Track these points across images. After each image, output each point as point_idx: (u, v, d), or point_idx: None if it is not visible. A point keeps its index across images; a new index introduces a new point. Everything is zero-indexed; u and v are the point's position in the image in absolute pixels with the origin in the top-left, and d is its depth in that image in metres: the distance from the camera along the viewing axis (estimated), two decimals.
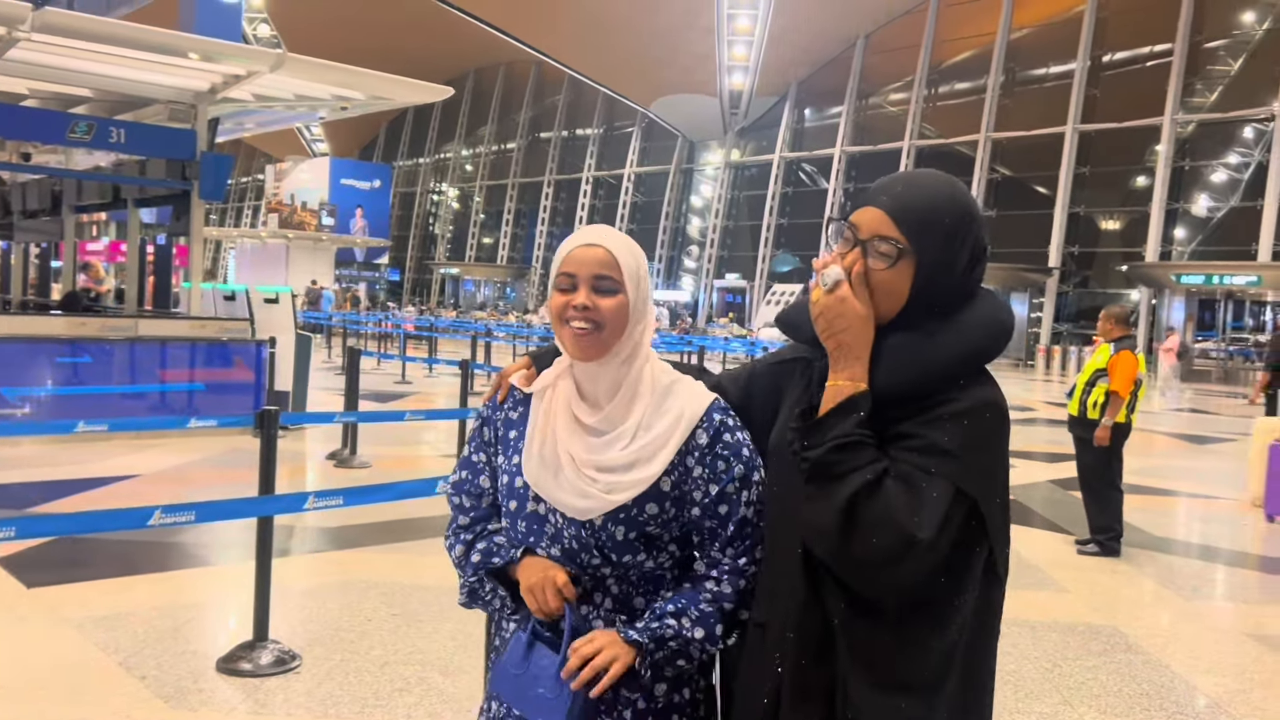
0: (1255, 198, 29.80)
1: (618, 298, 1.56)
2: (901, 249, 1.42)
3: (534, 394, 1.66)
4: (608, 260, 1.57)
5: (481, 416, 1.74)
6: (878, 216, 1.44)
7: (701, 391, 1.62)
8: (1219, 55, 32.32)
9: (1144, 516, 7.86)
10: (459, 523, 1.72)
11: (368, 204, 39.76)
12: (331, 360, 20.04)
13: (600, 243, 1.58)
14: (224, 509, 3.51)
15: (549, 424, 1.61)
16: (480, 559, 1.65)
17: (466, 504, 1.72)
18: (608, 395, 1.59)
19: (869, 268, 1.43)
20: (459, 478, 1.73)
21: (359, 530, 6.34)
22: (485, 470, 1.71)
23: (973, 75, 36.60)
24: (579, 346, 1.56)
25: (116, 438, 9.00)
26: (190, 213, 11.35)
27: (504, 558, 1.63)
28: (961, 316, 1.47)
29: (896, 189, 1.47)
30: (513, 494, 1.63)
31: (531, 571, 1.57)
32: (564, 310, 1.57)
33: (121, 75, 10.75)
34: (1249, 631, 5.26)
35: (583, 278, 1.56)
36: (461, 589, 1.70)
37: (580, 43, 39.73)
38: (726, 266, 43.36)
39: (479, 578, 1.65)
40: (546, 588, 1.54)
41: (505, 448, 1.67)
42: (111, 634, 4.41)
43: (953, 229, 1.45)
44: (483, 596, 1.67)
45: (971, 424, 1.40)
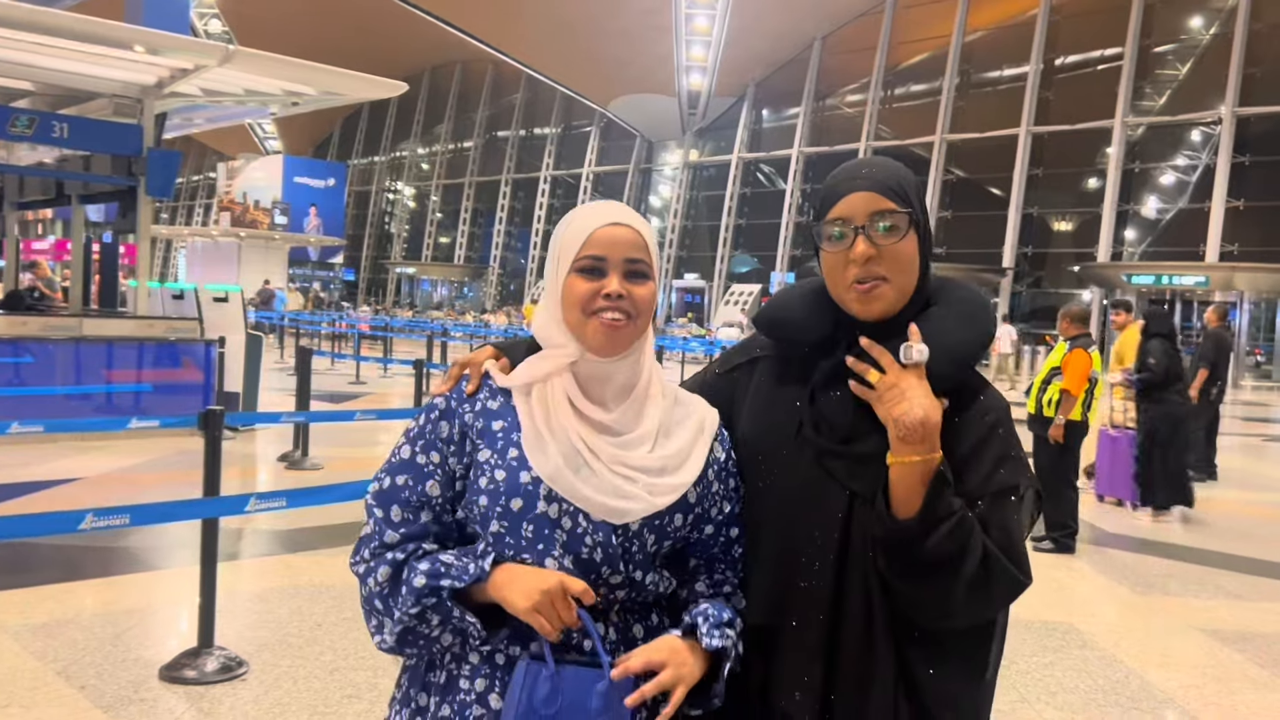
0: (1203, 200, 30.36)
1: (648, 284, 1.41)
2: (908, 215, 1.41)
3: (515, 389, 1.41)
4: (639, 242, 1.40)
5: (439, 409, 1.43)
6: (866, 199, 1.41)
7: (707, 404, 1.52)
8: (1167, 60, 32.91)
9: (1099, 513, 7.94)
10: (384, 539, 1.37)
11: (322, 202, 39.25)
12: (284, 361, 19.74)
13: (628, 222, 1.41)
14: (160, 511, 3.39)
15: (554, 418, 1.37)
16: (426, 581, 1.31)
17: (396, 517, 1.38)
18: (618, 396, 1.41)
19: (881, 244, 1.40)
20: (390, 484, 1.40)
21: (310, 533, 6.20)
22: (435, 474, 1.40)
23: (928, 77, 36.94)
24: (611, 340, 1.38)
25: (60, 439, 8.76)
26: (137, 210, 11.10)
27: (469, 574, 1.30)
28: (960, 296, 1.49)
29: (864, 171, 1.45)
30: (516, 491, 1.34)
31: (526, 583, 1.29)
32: (591, 299, 1.37)
33: (65, 68, 10.47)
34: (1202, 626, 5.31)
35: (614, 261, 1.38)
36: (386, 628, 1.35)
37: (538, 41, 39.56)
38: (685, 267, 43.39)
39: (422, 609, 1.31)
40: (556, 600, 1.28)
41: (488, 440, 1.39)
42: (49, 642, 4.27)
43: (921, 195, 1.47)
44: (425, 633, 1.33)
45: (1005, 424, 1.44)
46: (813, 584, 1.41)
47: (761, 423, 1.51)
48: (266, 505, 3.43)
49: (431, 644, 1.36)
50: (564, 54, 39.86)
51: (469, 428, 1.41)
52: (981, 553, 1.33)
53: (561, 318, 1.41)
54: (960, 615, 1.36)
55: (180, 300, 11.43)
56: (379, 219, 56.69)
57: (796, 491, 1.44)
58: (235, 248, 35.35)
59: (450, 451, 1.40)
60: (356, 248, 54.55)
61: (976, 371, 1.48)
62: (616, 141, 45.91)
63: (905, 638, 1.39)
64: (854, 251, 1.40)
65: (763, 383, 1.55)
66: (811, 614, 1.40)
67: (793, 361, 1.53)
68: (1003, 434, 1.43)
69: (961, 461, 1.39)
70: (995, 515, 1.37)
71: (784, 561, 1.43)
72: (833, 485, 1.42)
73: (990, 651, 1.43)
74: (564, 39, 38.33)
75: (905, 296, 1.43)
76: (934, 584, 1.34)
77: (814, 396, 1.47)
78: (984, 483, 1.38)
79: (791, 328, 1.53)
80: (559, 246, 1.43)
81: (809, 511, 1.43)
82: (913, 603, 1.36)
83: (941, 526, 1.32)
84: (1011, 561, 1.35)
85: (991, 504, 1.37)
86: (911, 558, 1.34)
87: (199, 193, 62.86)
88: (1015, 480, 1.40)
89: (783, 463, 1.46)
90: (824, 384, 1.47)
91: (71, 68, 10.45)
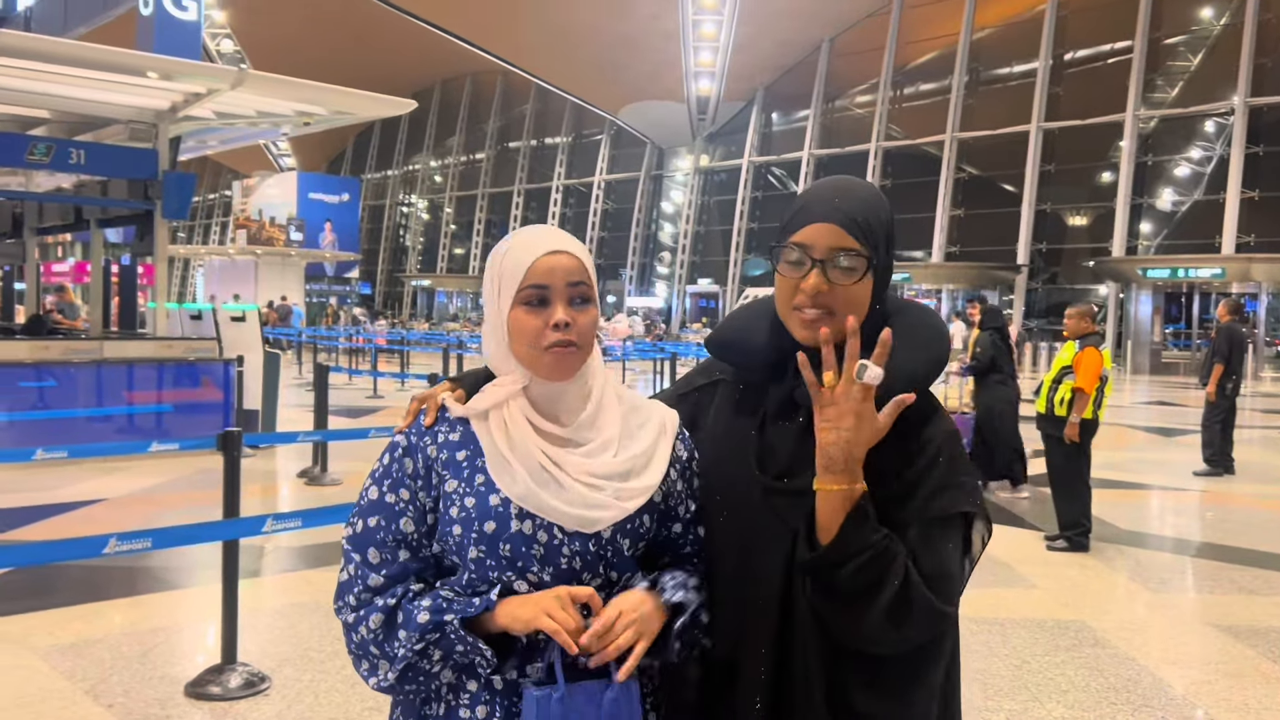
0: (1218, 191, 30.21)
1: (591, 310, 1.42)
2: (867, 259, 1.40)
3: (473, 417, 1.44)
4: (579, 267, 1.41)
5: (402, 447, 1.45)
6: (830, 231, 1.39)
7: (664, 407, 1.55)
8: (1179, 51, 32.78)
9: (1112, 510, 7.94)
10: (368, 583, 1.39)
11: (336, 217, 39.52)
12: (302, 376, 19.91)
13: (566, 248, 1.41)
14: (180, 535, 3.48)
15: (515, 439, 1.40)
16: (430, 617, 1.33)
17: (375, 559, 1.40)
18: (572, 409, 1.44)
19: (835, 283, 1.39)
20: (363, 527, 1.42)
21: (330, 549, 6.29)
22: (408, 512, 1.41)
23: (937, 76, 36.91)
24: (562, 369, 1.40)
25: (83, 461, 8.90)
26: (154, 232, 11.26)
27: (475, 606, 1.33)
28: (911, 322, 1.47)
29: (835, 200, 1.43)
30: (487, 515, 1.36)
31: (535, 599, 1.34)
32: (540, 334, 1.38)
33: (80, 96, 10.65)
34: (1215, 623, 5.32)
35: (557, 289, 1.39)
36: (382, 669, 1.37)
37: (547, 52, 39.75)
38: (699, 272, 43.46)
39: (425, 645, 1.33)
40: (567, 606, 1.32)
41: (454, 471, 1.41)
42: (78, 662, 4.37)
43: (889, 231, 1.45)
44: (426, 669, 1.36)
45: (948, 450, 1.42)
46: (759, 619, 1.42)
47: (716, 454, 1.52)
48: (283, 526, 3.52)
49: (430, 680, 1.38)
50: (573, 63, 40.03)
51: (433, 461, 1.43)
52: (900, 583, 1.33)
53: (509, 347, 1.43)
54: (878, 642, 1.36)
55: (198, 320, 11.59)
56: (393, 232, 57.01)
57: (746, 527, 1.46)
58: (252, 265, 35.64)
59: (419, 486, 1.42)
60: (372, 261, 54.90)
61: (928, 394, 1.47)
62: (627, 149, 46.04)
63: (840, 663, 1.39)
64: (805, 283, 1.40)
65: (719, 412, 1.56)
66: (758, 645, 1.42)
67: (749, 388, 1.53)
68: (944, 460, 1.41)
69: (903, 486, 1.39)
70: (929, 544, 1.37)
71: (736, 596, 1.45)
72: (776, 521, 1.43)
73: (926, 671, 1.42)
74: (572, 48, 38.50)
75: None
76: (849, 611, 1.35)
77: (764, 426, 1.48)
78: (921, 508, 1.38)
79: (742, 350, 1.54)
80: (499, 277, 1.43)
81: (757, 547, 1.44)
82: (835, 625, 1.38)
83: (857, 558, 1.32)
84: (937, 591, 1.35)
85: (925, 532, 1.38)
86: (826, 585, 1.35)
87: (215, 211, 63.38)
88: (955, 509, 1.40)
89: (737, 496, 1.47)
90: (775, 414, 1.47)
91: (87, 95, 10.62)
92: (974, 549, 1.45)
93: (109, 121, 11.60)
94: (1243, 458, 10.65)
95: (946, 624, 1.40)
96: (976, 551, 1.45)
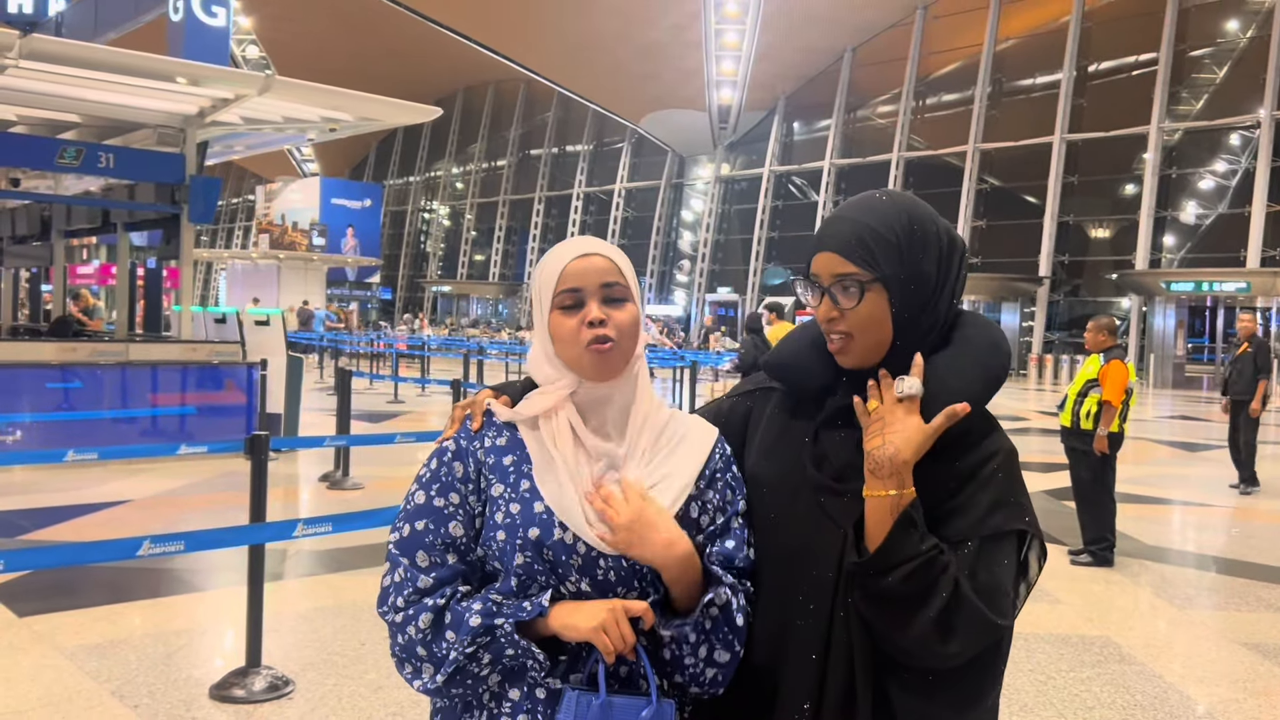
0: (1243, 204, 29.97)
1: (628, 307, 1.45)
2: (862, 281, 1.41)
3: (521, 423, 1.46)
4: (610, 268, 1.45)
5: (450, 450, 1.46)
6: (830, 260, 1.44)
7: (701, 420, 1.57)
8: (1204, 63, 32.56)
9: (1137, 525, 7.89)
10: (417, 585, 1.39)
11: (359, 223, 39.77)
12: (324, 381, 20.01)
13: (599, 251, 1.46)
14: (213, 538, 3.51)
15: (561, 447, 1.43)
16: (482, 621, 1.34)
17: (424, 562, 1.40)
18: (617, 421, 1.46)
19: (844, 309, 1.43)
20: (411, 531, 1.43)
21: (353, 553, 6.32)
22: (457, 515, 1.43)
23: (960, 87, 36.79)
24: (605, 364, 1.42)
25: (108, 463, 8.98)
26: (180, 236, 11.37)
27: (527, 610, 1.35)
28: (967, 335, 1.48)
29: (835, 228, 1.46)
30: (532, 521, 1.38)
31: (589, 607, 1.35)
32: (578, 332, 1.42)
33: (109, 100, 10.76)
34: (1243, 640, 5.27)
35: (590, 290, 1.43)
36: (428, 672, 1.37)
37: (569, 60, 39.89)
38: (718, 280, 43.43)
39: (476, 648, 1.34)
40: (620, 619, 1.33)
41: (501, 475, 1.44)
42: (103, 662, 4.40)
43: (904, 242, 1.43)
44: (475, 672, 1.36)
45: (1006, 469, 1.43)
46: (809, 623, 1.42)
47: (769, 458, 1.54)
48: (313, 530, 3.54)
49: (479, 684, 1.38)
50: (595, 72, 40.14)
51: (482, 465, 1.45)
52: (950, 595, 1.33)
53: (554, 353, 1.46)
54: (924, 653, 1.36)
55: (222, 324, 11.68)
56: (414, 238, 57.26)
57: (797, 529, 1.46)
58: (275, 269, 35.89)
59: (469, 491, 1.44)
60: (393, 267, 55.13)
61: (985, 413, 1.47)
62: (648, 157, 46.10)
63: (890, 674, 1.39)
64: (819, 313, 1.46)
65: (774, 417, 1.59)
66: (805, 652, 1.42)
67: (803, 399, 1.56)
68: (1002, 478, 1.42)
69: (958, 503, 1.40)
70: (984, 559, 1.38)
71: (784, 600, 1.45)
72: (829, 523, 1.43)
73: (983, 690, 1.42)
74: (595, 57, 38.61)
75: (880, 348, 1.45)
76: (895, 619, 1.35)
77: (818, 434, 1.50)
78: (976, 525, 1.39)
79: (798, 373, 1.56)
80: (538, 288, 1.47)
81: (807, 549, 1.45)
82: (878, 632, 1.38)
83: (903, 566, 1.33)
84: (988, 601, 1.35)
85: (980, 547, 1.38)
86: (871, 592, 1.36)
87: (238, 215, 63.81)
88: (1010, 526, 1.41)
89: (787, 499, 1.48)
90: (829, 422, 1.50)
91: (116, 100, 10.74)
92: (1030, 571, 1.45)
93: (137, 126, 11.71)
94: (1269, 473, 10.56)
95: (1000, 636, 1.39)
96: (1034, 575, 1.46)
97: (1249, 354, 10.05)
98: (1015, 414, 17.50)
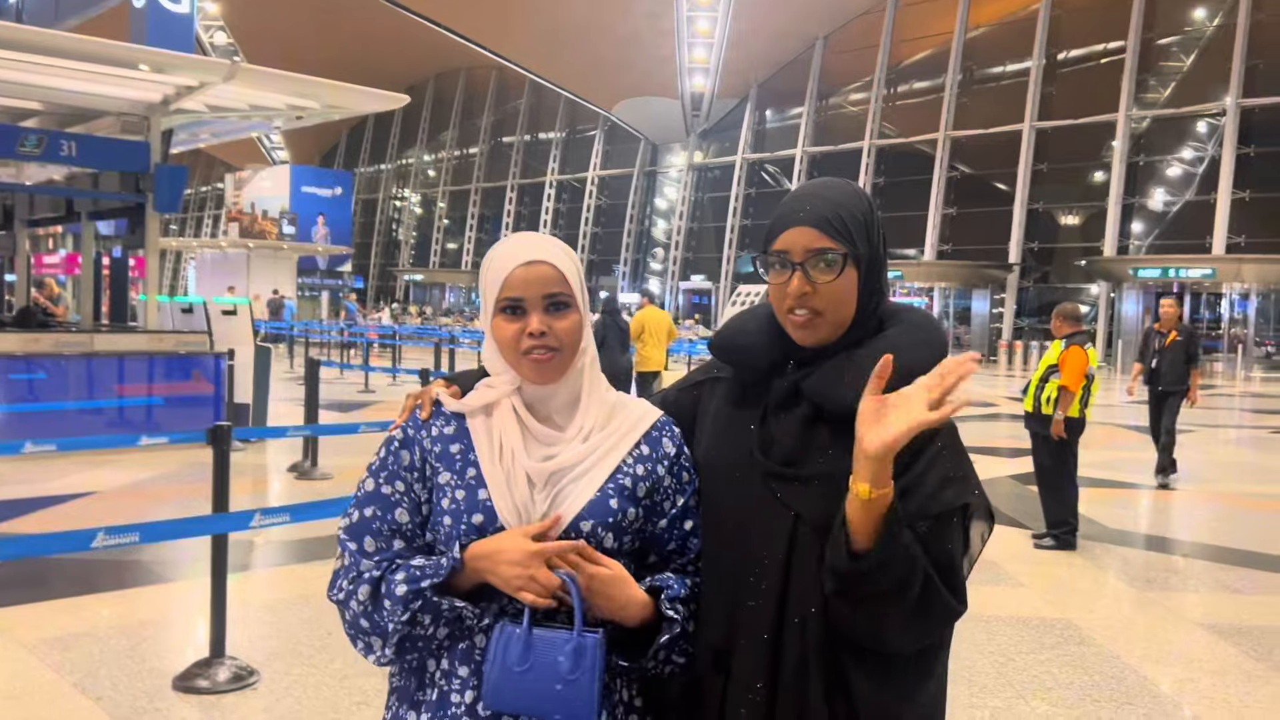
0: (1209, 191, 30.33)
1: (571, 315, 1.46)
2: (844, 255, 1.43)
3: (468, 413, 1.50)
4: (556, 277, 1.46)
5: (399, 440, 1.51)
6: (805, 234, 1.44)
7: (647, 404, 1.59)
8: (1171, 51, 32.88)
9: (1100, 509, 7.99)
10: (360, 568, 1.44)
11: (329, 211, 39.44)
12: (294, 370, 19.88)
13: (544, 258, 1.46)
14: (169, 529, 3.49)
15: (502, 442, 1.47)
16: (408, 589, 1.37)
17: (370, 548, 1.45)
18: (564, 411, 1.50)
19: (817, 283, 1.43)
20: (359, 517, 1.47)
21: (320, 543, 6.30)
22: (403, 503, 1.47)
23: (931, 74, 36.97)
24: (542, 374, 1.46)
25: (73, 455, 8.89)
26: (145, 225, 11.24)
27: (444, 567, 1.38)
28: (911, 320, 1.51)
29: (808, 205, 1.47)
30: (475, 508, 1.43)
31: (502, 556, 1.37)
32: (518, 340, 1.44)
33: (72, 88, 10.61)
34: (1200, 620, 5.37)
35: (532, 300, 1.44)
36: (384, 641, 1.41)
37: (541, 47, 39.71)
38: (692, 268, 43.49)
39: (411, 614, 1.37)
40: (538, 574, 1.35)
41: (448, 464, 1.47)
42: (66, 655, 4.37)
43: (868, 222, 1.47)
44: (422, 634, 1.40)
45: (950, 444, 1.43)
46: (759, 604, 1.43)
47: (717, 445, 1.55)
48: (271, 521, 3.53)
49: (430, 643, 1.42)
50: (567, 59, 40.00)
51: (428, 453, 1.49)
52: (923, 584, 1.34)
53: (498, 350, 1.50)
54: (897, 641, 1.38)
55: (190, 314, 11.57)
56: (386, 226, 56.92)
57: (746, 514, 1.47)
58: (244, 258, 35.52)
59: (414, 479, 1.48)
60: (364, 255, 54.79)
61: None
62: (621, 145, 46.03)
63: (844, 655, 1.40)
64: (790, 287, 1.44)
65: (721, 405, 1.59)
66: (756, 634, 1.43)
67: (749, 384, 1.55)
68: (948, 454, 1.42)
69: (908, 482, 1.38)
70: (936, 538, 1.37)
71: (735, 583, 1.46)
72: (779, 507, 1.44)
73: (932, 664, 1.44)
74: (566, 44, 38.47)
75: (843, 326, 1.47)
76: (877, 612, 1.35)
77: (765, 418, 1.50)
78: (927, 503, 1.38)
79: (745, 352, 1.57)
80: (484, 286, 1.50)
81: (757, 534, 1.45)
82: (853, 626, 1.38)
83: (896, 562, 1.32)
84: (948, 586, 1.36)
85: (934, 527, 1.38)
86: (863, 589, 1.34)
87: (207, 204, 63.16)
88: (959, 501, 1.40)
89: (736, 485, 1.49)
90: (776, 406, 1.49)
91: (79, 87, 10.58)
92: (973, 547, 1.45)
93: (101, 114, 11.56)
94: (1232, 457, 10.72)
95: (957, 619, 1.41)
96: (976, 551, 1.46)
97: (1179, 343, 9.58)
98: (985, 399, 17.66)
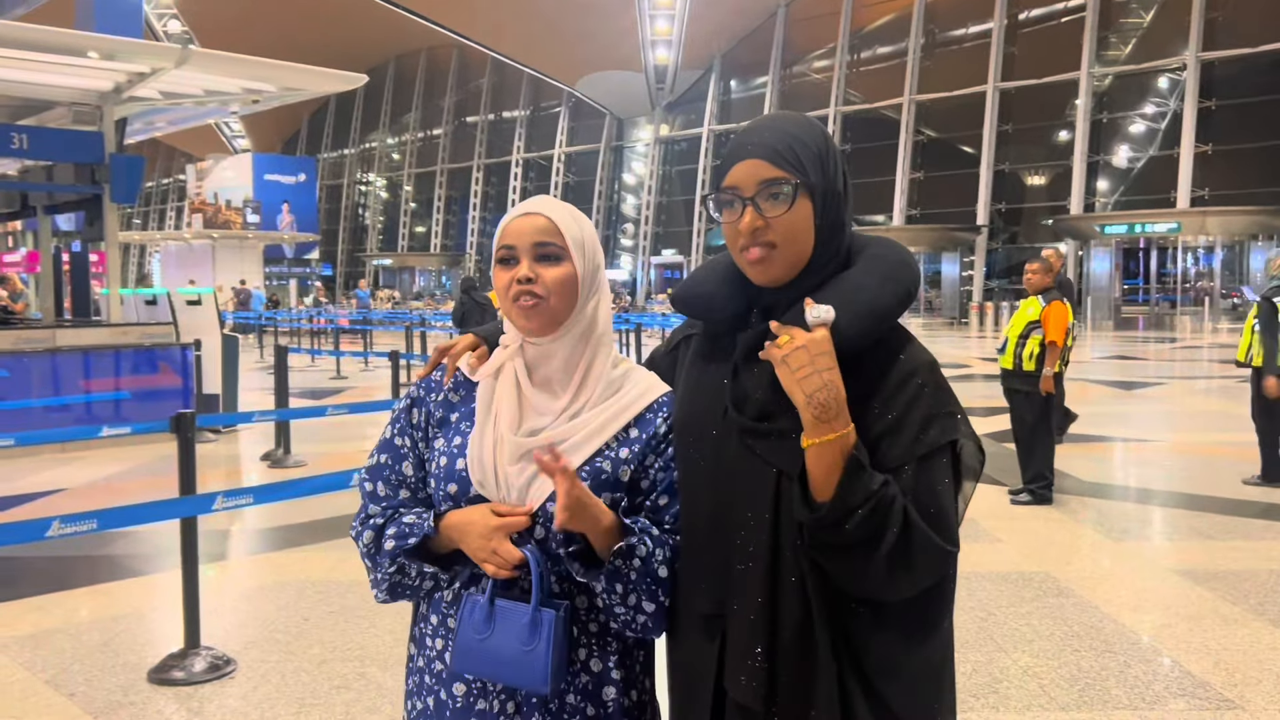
0: (1172, 146, 30.54)
1: (563, 266, 1.48)
2: (795, 184, 1.36)
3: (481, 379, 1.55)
4: (548, 227, 1.49)
5: (411, 397, 1.60)
6: (755, 166, 1.38)
7: (656, 380, 1.56)
8: (1131, 8, 32.99)
9: (1075, 463, 8.05)
10: (369, 511, 1.56)
11: (294, 198, 38.97)
12: (264, 360, 19.70)
13: (539, 210, 1.51)
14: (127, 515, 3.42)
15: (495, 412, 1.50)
16: (394, 545, 1.48)
17: (381, 492, 1.56)
18: (561, 374, 1.51)
19: (769, 215, 1.36)
20: (376, 462, 1.58)
21: (294, 530, 6.24)
22: (409, 456, 1.57)
23: (894, 39, 36.92)
24: (529, 319, 1.48)
25: (41, 452, 8.76)
26: (103, 217, 11.04)
27: (419, 532, 1.46)
28: (875, 253, 1.44)
29: (757, 137, 1.41)
30: (452, 477, 1.49)
31: (470, 529, 1.43)
32: (509, 285, 1.48)
33: (20, 78, 10.38)
34: (1175, 568, 5.41)
35: (523, 248, 1.48)
36: (379, 584, 1.53)
37: (501, 24, 39.31)
38: (662, 243, 43.40)
39: (398, 566, 1.48)
40: (500, 549, 1.40)
41: (444, 430, 1.55)
42: (38, 652, 4.30)
43: (823, 153, 1.41)
44: (410, 584, 1.51)
45: (931, 381, 1.38)
46: (749, 566, 1.37)
47: (690, 403, 1.50)
48: (234, 503, 3.47)
49: (418, 591, 1.53)
50: (528, 35, 39.64)
51: (431, 416, 1.58)
52: (901, 527, 1.29)
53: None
54: (883, 589, 1.32)
55: (154, 306, 11.40)
56: (353, 212, 56.38)
57: (726, 473, 1.41)
58: (209, 249, 35.09)
59: (419, 437, 1.58)
60: (331, 242, 54.26)
61: (898, 327, 1.42)
62: (586, 121, 45.74)
63: (844, 609, 1.35)
64: (742, 223, 1.38)
65: (691, 363, 1.55)
66: (750, 596, 1.37)
67: (719, 338, 1.50)
68: (929, 391, 1.36)
69: (888, 425, 1.34)
70: (923, 479, 1.33)
71: (721, 545, 1.41)
72: (758, 463, 1.38)
73: (938, 617, 1.38)
74: (527, 19, 38.11)
75: (801, 261, 1.40)
76: (854, 562, 1.31)
77: (736, 372, 1.44)
78: (912, 445, 1.33)
79: (704, 302, 1.52)
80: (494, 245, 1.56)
81: (739, 493, 1.39)
82: (838, 576, 1.33)
83: (859, 511, 1.27)
84: (937, 528, 1.31)
85: (919, 468, 1.33)
86: (829, 540, 1.30)
87: (170, 196, 62.33)
88: (946, 438, 1.35)
89: (712, 444, 1.44)
90: (745, 359, 1.43)
91: (27, 77, 10.36)
92: (965, 487, 1.40)
93: (51, 104, 11.33)
94: (1202, 406, 10.83)
95: (951, 564, 1.35)
96: (969, 490, 1.41)
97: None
98: (957, 361, 17.75)
